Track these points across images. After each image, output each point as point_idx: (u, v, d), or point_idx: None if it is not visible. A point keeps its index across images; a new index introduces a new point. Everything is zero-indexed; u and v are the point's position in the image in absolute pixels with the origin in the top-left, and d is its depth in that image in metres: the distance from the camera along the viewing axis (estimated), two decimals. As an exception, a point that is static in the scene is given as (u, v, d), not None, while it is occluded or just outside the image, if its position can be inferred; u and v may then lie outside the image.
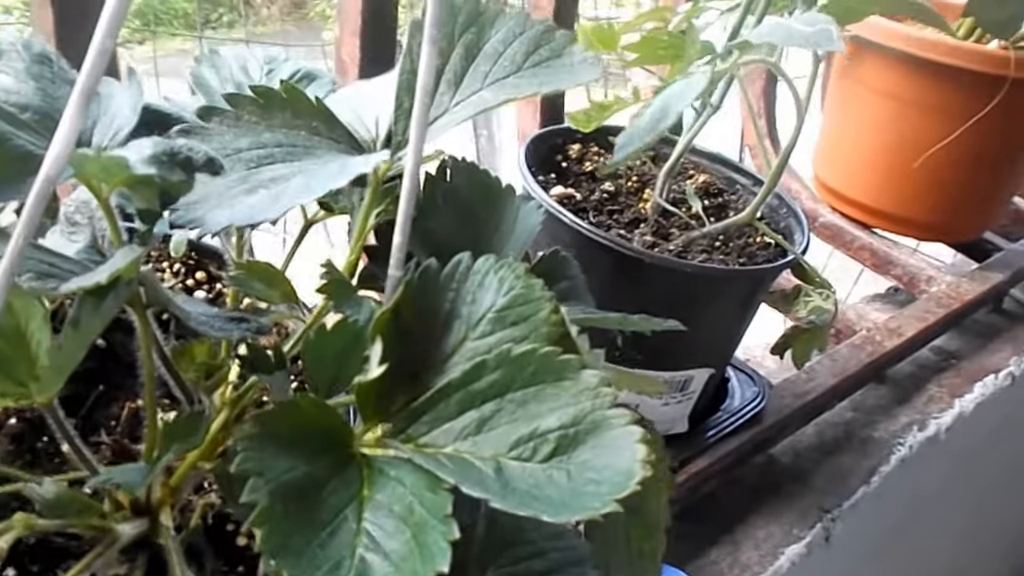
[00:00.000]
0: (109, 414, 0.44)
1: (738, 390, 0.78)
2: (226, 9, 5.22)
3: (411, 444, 0.29)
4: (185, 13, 4.82)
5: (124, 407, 0.43)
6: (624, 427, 0.27)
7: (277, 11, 5.46)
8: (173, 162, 0.25)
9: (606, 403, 0.28)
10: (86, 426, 0.43)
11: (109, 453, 0.42)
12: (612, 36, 0.62)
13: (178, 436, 0.32)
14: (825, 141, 1.15)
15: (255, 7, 5.48)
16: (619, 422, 0.27)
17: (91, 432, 0.43)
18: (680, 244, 0.66)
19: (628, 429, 0.27)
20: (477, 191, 0.40)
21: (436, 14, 0.26)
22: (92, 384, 0.45)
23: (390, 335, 0.30)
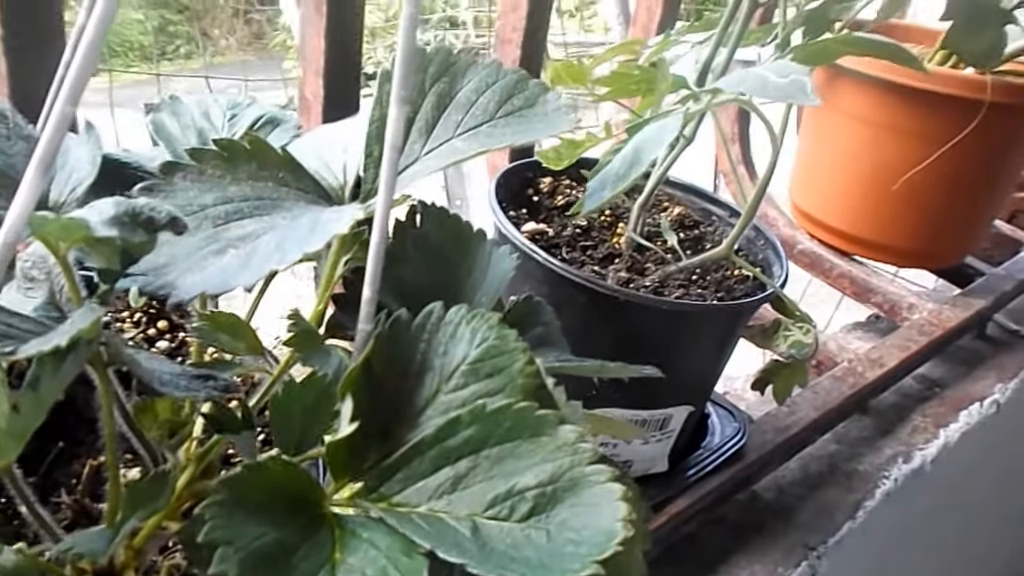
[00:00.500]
0: (70, 472, 0.43)
1: (719, 426, 0.79)
2: (183, 40, 5.23)
3: (384, 503, 0.30)
4: (141, 45, 4.83)
5: (85, 464, 0.43)
6: (604, 485, 0.27)
7: (236, 42, 5.48)
8: (135, 223, 0.26)
9: (585, 459, 0.28)
10: (46, 484, 0.43)
11: (70, 513, 0.41)
12: (582, 71, 0.64)
13: (142, 501, 0.32)
14: (801, 167, 1.17)
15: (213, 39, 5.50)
16: (599, 479, 0.27)
17: (51, 491, 0.43)
18: (656, 279, 0.67)
19: (608, 487, 0.27)
20: (448, 236, 0.40)
21: (403, 73, 0.27)
22: (52, 440, 0.44)
23: (361, 390, 0.31)
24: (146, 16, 5.47)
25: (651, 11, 0.98)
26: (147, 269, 0.29)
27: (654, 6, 0.98)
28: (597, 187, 0.50)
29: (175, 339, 0.51)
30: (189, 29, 5.45)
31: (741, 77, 0.43)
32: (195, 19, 5.65)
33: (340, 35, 0.68)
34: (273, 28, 5.55)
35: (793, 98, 0.39)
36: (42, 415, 0.29)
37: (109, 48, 4.60)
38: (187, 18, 5.54)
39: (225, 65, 5.21)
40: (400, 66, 0.27)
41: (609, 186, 0.48)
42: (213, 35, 5.78)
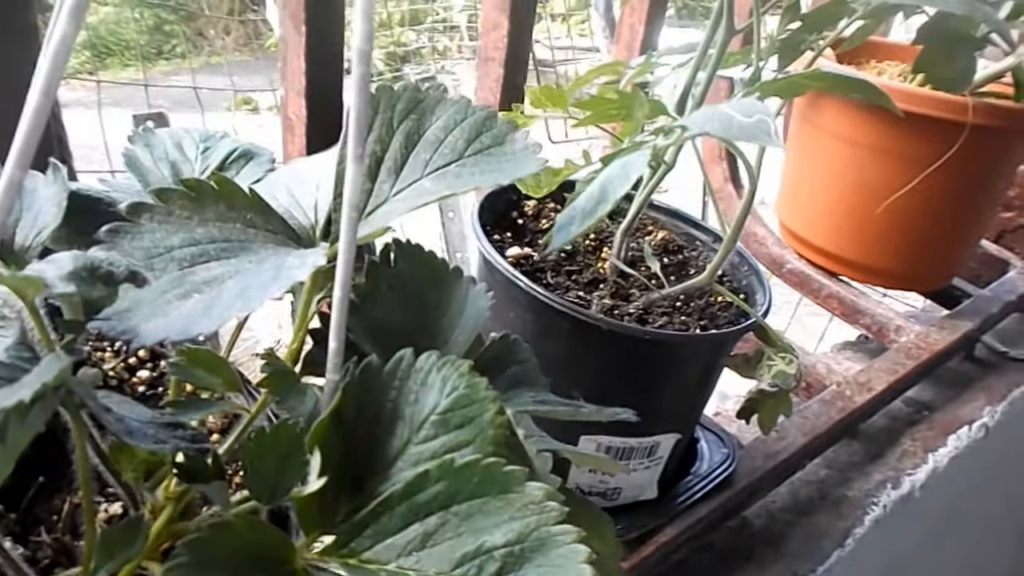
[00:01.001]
0: (51, 507, 0.43)
1: (708, 452, 0.79)
2: (180, 40, 5.22)
3: (355, 559, 0.29)
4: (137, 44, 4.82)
5: (66, 501, 0.42)
6: (570, 546, 0.27)
7: (232, 42, 5.47)
8: (93, 277, 0.25)
9: (551, 519, 0.28)
10: (27, 520, 0.42)
11: (50, 552, 0.41)
12: (561, 95, 0.63)
13: (115, 548, 0.31)
14: (788, 186, 1.17)
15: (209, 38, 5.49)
16: (565, 540, 0.27)
17: (32, 527, 0.42)
18: (640, 306, 0.67)
19: (573, 548, 0.27)
20: (423, 275, 0.40)
21: (358, 131, 0.26)
22: (32, 475, 0.44)
23: (330, 441, 0.31)
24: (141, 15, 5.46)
25: (634, 29, 0.98)
26: (111, 314, 0.29)
27: (636, 24, 0.98)
28: (565, 222, 0.50)
29: (156, 367, 0.51)
30: (185, 28, 5.45)
31: (707, 116, 0.43)
32: (190, 19, 5.64)
33: (321, 55, 0.68)
34: (269, 28, 5.56)
35: (757, 139, 0.39)
36: (11, 463, 0.29)
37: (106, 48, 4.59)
38: (182, 18, 5.54)
39: (221, 65, 5.21)
40: (354, 124, 0.26)
41: (576, 222, 0.48)
42: (209, 35, 5.78)
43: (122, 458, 0.38)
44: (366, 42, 0.25)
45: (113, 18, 5.62)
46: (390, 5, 5.12)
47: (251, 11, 5.81)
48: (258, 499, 0.33)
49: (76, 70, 5.22)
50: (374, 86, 0.39)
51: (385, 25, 5.18)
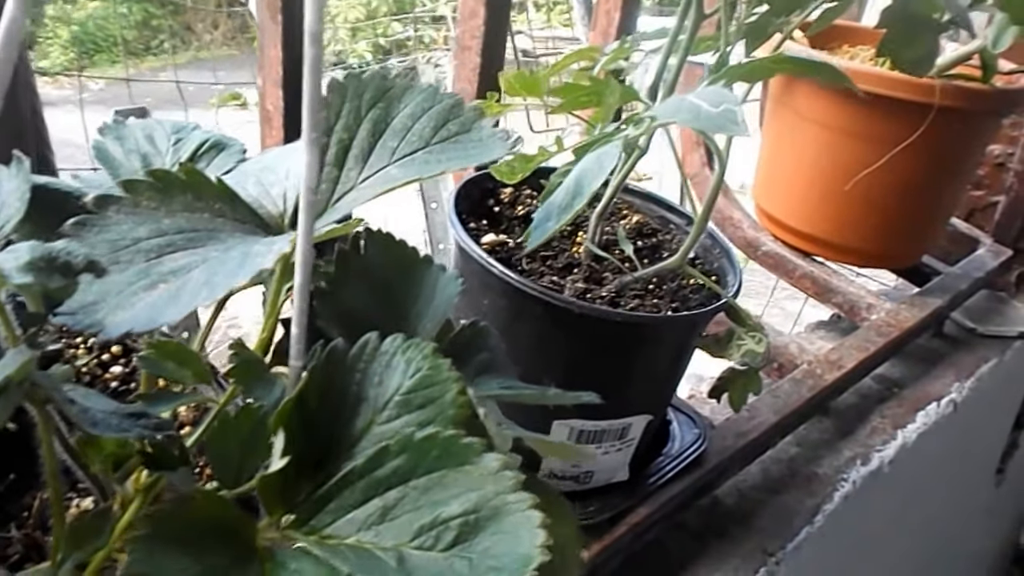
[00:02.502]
0: (21, 504, 0.43)
1: (679, 433, 0.80)
2: (167, 35, 5.17)
3: (315, 535, 0.30)
4: (124, 40, 4.78)
5: (36, 497, 0.43)
6: (524, 512, 0.28)
7: (220, 36, 5.44)
8: (51, 268, 0.26)
9: (508, 487, 0.28)
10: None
11: (20, 548, 0.41)
12: (536, 82, 0.64)
13: (82, 539, 0.32)
14: (763, 168, 1.18)
15: (197, 32, 5.45)
16: (520, 507, 0.28)
17: (1, 523, 0.42)
18: (613, 290, 0.67)
19: (528, 514, 0.28)
20: (392, 262, 0.40)
21: (311, 115, 0.27)
22: (2, 472, 0.44)
23: (294, 423, 0.31)
24: (129, 10, 5.41)
25: (610, 15, 0.98)
26: (76, 307, 0.29)
27: (612, 10, 0.98)
28: (543, 219, 0.50)
29: (128, 363, 0.51)
30: (172, 23, 5.41)
31: (676, 105, 0.44)
32: (178, 13, 5.59)
33: (298, 44, 0.68)
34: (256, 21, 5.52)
35: (725, 129, 0.40)
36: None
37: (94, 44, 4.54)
38: (170, 12, 5.49)
39: (209, 60, 5.17)
40: (307, 108, 0.27)
41: (554, 218, 0.49)
42: (196, 29, 5.73)
43: (90, 451, 0.38)
44: (317, 23, 0.25)
45: (101, 14, 5.56)
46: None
47: (239, 4, 5.77)
48: (223, 484, 0.34)
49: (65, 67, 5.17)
50: (343, 74, 0.40)
51: (372, 16, 5.15)
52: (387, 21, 5.32)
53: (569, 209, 0.47)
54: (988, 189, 1.34)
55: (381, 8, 5.34)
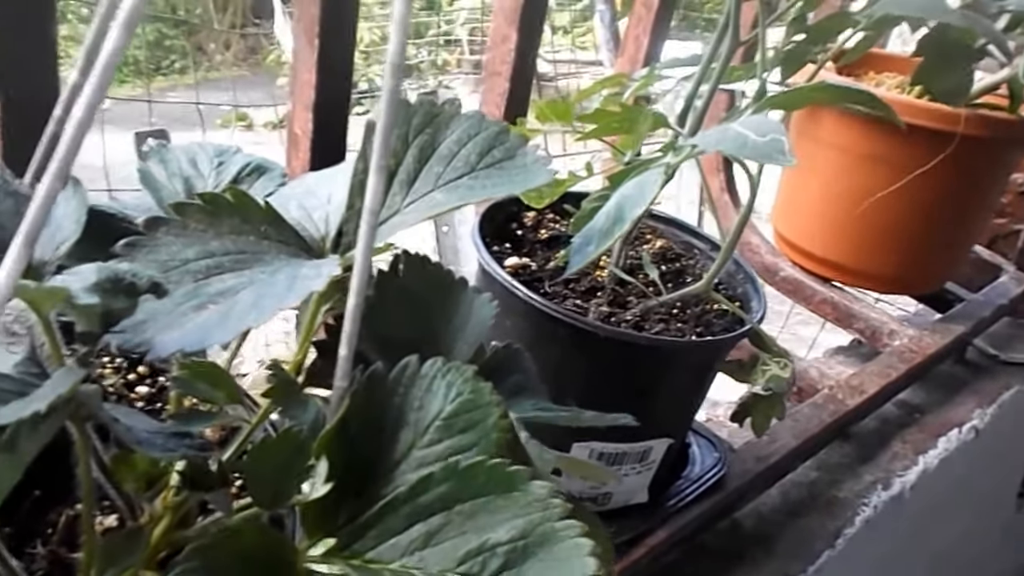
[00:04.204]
0: (46, 521, 0.43)
1: (699, 456, 0.79)
2: (178, 56, 5.21)
3: (358, 560, 0.30)
4: (136, 60, 4.82)
5: (61, 514, 0.43)
6: (574, 540, 0.28)
7: (231, 56, 5.47)
8: (117, 289, 0.26)
9: (556, 515, 0.28)
10: (22, 533, 0.43)
11: (45, 564, 0.41)
12: (566, 109, 0.64)
13: (116, 556, 0.32)
14: (783, 195, 1.18)
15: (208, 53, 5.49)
16: (569, 534, 0.28)
17: (26, 540, 0.42)
18: (637, 314, 0.67)
19: (578, 542, 0.27)
20: (429, 286, 0.41)
21: (383, 142, 0.27)
22: (27, 488, 0.44)
23: (336, 448, 0.31)
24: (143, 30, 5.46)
25: (638, 41, 0.99)
26: (126, 326, 0.30)
27: (641, 36, 0.99)
28: (582, 243, 0.50)
29: (155, 384, 0.51)
30: (185, 44, 5.45)
31: (720, 135, 0.44)
32: (191, 33, 5.64)
33: (331, 70, 0.69)
34: (269, 43, 5.56)
35: (771, 159, 0.40)
36: (19, 475, 0.30)
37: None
38: (183, 32, 5.54)
39: (220, 80, 5.21)
40: (381, 136, 0.27)
41: (594, 243, 0.49)
42: (208, 49, 5.77)
43: (123, 470, 0.38)
44: (399, 55, 0.25)
45: (82, 33, 5.62)
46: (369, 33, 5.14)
47: (252, 24, 5.82)
48: (260, 505, 0.34)
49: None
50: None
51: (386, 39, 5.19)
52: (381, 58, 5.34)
53: (610, 235, 0.47)
54: (1011, 217, 1.34)
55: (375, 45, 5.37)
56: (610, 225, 0.48)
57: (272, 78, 5.03)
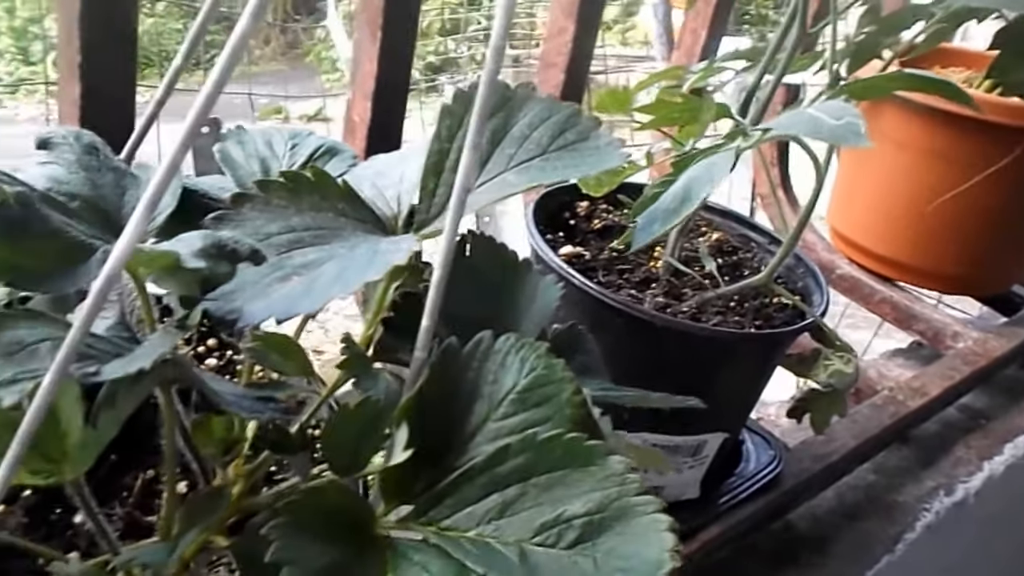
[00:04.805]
0: (122, 484, 0.46)
1: (753, 453, 0.80)
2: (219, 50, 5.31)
3: (433, 527, 0.31)
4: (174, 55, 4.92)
5: (137, 478, 0.45)
6: (651, 515, 0.29)
7: (271, 51, 5.56)
8: (220, 255, 0.28)
9: (632, 490, 0.30)
10: (99, 496, 0.45)
11: (122, 525, 0.44)
12: (625, 98, 0.65)
13: (200, 515, 0.34)
14: (842, 191, 1.18)
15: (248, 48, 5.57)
16: (646, 509, 0.29)
17: (103, 503, 0.45)
18: (693, 305, 0.68)
19: (655, 518, 0.29)
20: (496, 266, 0.42)
21: (479, 123, 0.29)
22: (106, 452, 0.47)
23: (415, 416, 0.33)
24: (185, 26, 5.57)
25: (696, 34, 1.00)
26: (217, 295, 0.31)
27: (699, 29, 1.00)
28: (647, 222, 0.52)
29: (223, 357, 0.53)
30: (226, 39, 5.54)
31: (794, 118, 0.45)
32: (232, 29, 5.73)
33: (392, 60, 0.71)
34: (309, 38, 5.64)
35: (847, 141, 0.41)
36: (115, 430, 0.32)
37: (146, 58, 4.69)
38: (225, 28, 5.63)
39: (261, 74, 5.30)
40: (477, 115, 0.29)
41: (659, 222, 0.50)
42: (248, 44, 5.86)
43: (201, 435, 0.40)
44: (501, 38, 0.27)
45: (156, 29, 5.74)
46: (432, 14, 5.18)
47: (292, 20, 5.89)
48: (336, 471, 0.35)
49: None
50: (454, 87, 0.41)
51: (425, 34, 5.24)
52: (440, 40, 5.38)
53: (676, 214, 0.49)
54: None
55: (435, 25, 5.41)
56: (677, 205, 0.49)
57: (311, 73, 5.10)
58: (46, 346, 0.29)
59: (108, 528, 0.37)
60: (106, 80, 0.54)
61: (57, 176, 0.34)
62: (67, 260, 0.28)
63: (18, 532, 0.42)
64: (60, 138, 0.36)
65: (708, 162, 0.48)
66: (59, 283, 0.28)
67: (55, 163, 0.34)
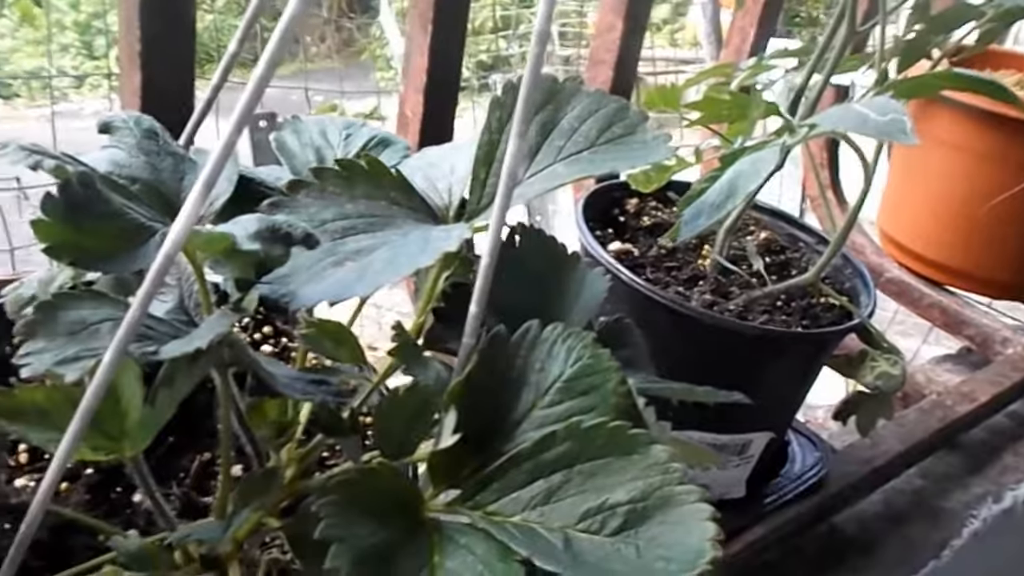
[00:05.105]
0: (179, 466, 0.47)
1: (799, 454, 0.79)
2: (275, 44, 5.37)
3: (480, 511, 0.32)
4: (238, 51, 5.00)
5: (194, 459, 0.46)
6: (694, 504, 0.29)
7: (326, 49, 5.61)
8: (275, 238, 0.28)
9: (675, 478, 0.30)
10: (157, 477, 0.46)
11: (179, 505, 0.45)
12: (674, 95, 0.65)
13: (254, 494, 0.35)
14: (891, 194, 1.16)
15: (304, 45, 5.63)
16: (689, 499, 0.29)
17: (162, 483, 0.46)
18: (740, 304, 0.68)
19: (698, 507, 0.29)
20: (544, 257, 0.42)
21: (524, 111, 0.29)
22: (164, 435, 0.48)
23: (463, 403, 0.33)
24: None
25: (744, 33, 0.99)
26: (272, 279, 0.32)
27: (748, 27, 0.99)
28: (692, 215, 0.51)
29: (277, 344, 0.54)
30: (280, 31, 5.60)
31: (840, 113, 0.44)
32: (284, 19, 5.79)
33: (443, 54, 0.72)
34: (364, 36, 5.69)
35: (893, 136, 0.40)
36: (172, 409, 0.33)
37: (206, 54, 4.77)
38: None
39: (316, 72, 5.35)
40: (522, 105, 0.29)
41: (704, 215, 0.50)
42: (304, 41, 5.92)
43: (256, 417, 0.41)
44: (545, 23, 0.27)
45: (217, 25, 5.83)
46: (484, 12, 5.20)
47: (347, 19, 5.95)
48: (386, 455, 0.36)
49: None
50: (503, 81, 0.42)
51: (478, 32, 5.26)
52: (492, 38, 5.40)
53: (722, 208, 0.48)
54: None
55: (487, 24, 5.42)
56: (723, 199, 0.48)
57: (365, 71, 5.14)
58: (107, 326, 0.30)
59: (165, 506, 0.38)
60: (166, 69, 0.56)
61: (118, 159, 0.35)
62: (128, 241, 0.29)
63: (80, 509, 0.44)
64: (121, 122, 0.37)
65: (754, 157, 0.48)
66: (120, 264, 0.29)
67: (116, 147, 0.35)
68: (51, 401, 0.33)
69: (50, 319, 0.29)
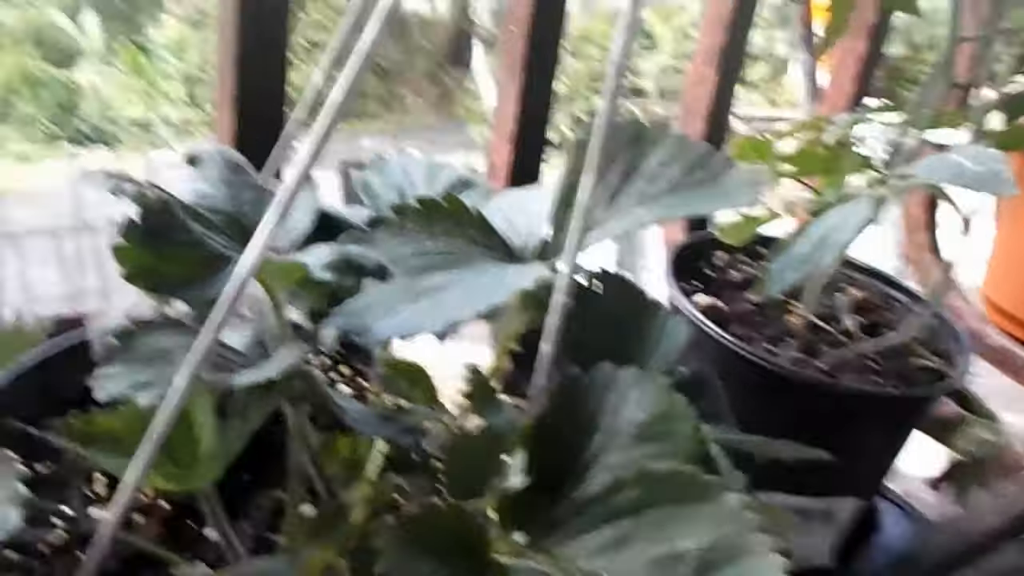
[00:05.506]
0: (253, 503, 0.47)
1: (890, 524, 0.75)
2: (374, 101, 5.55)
3: (547, 556, 0.31)
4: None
5: (268, 498, 0.46)
6: (766, 555, 0.27)
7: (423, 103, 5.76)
8: (347, 268, 0.28)
9: (749, 528, 0.28)
10: (231, 513, 0.47)
11: (250, 543, 0.45)
12: (765, 148, 0.64)
13: (323, 532, 0.34)
14: (997, 260, 1.11)
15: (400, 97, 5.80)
16: (762, 549, 0.27)
17: (233, 519, 0.46)
18: (830, 362, 0.65)
19: (770, 558, 0.27)
20: (624, 303, 0.42)
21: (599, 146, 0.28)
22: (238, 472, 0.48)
23: (533, 444, 0.32)
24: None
25: (842, 89, 0.97)
26: (347, 312, 0.32)
27: (846, 84, 0.97)
28: (781, 269, 0.50)
29: (354, 383, 0.54)
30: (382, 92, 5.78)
31: (935, 164, 0.43)
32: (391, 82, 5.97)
33: (532, 103, 0.72)
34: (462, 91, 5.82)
35: (989, 187, 0.38)
36: (244, 440, 0.33)
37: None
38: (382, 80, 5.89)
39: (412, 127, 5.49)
40: (596, 139, 0.29)
41: (793, 269, 0.48)
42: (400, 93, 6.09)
43: (327, 454, 0.41)
44: (622, 56, 0.27)
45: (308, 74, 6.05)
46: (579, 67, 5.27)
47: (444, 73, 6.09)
48: (455, 495, 0.35)
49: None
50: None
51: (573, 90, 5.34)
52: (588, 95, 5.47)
53: (811, 261, 0.47)
54: None
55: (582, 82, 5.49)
56: (811, 252, 0.47)
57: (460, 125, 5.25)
58: (183, 353, 0.31)
59: (235, 539, 0.38)
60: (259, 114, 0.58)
61: (202, 191, 0.36)
62: (206, 268, 0.30)
63: (152, 542, 0.44)
64: (206, 155, 0.38)
65: (847, 210, 0.46)
66: (197, 290, 0.30)
67: (201, 179, 0.36)
68: (126, 427, 0.33)
69: (128, 345, 0.30)
